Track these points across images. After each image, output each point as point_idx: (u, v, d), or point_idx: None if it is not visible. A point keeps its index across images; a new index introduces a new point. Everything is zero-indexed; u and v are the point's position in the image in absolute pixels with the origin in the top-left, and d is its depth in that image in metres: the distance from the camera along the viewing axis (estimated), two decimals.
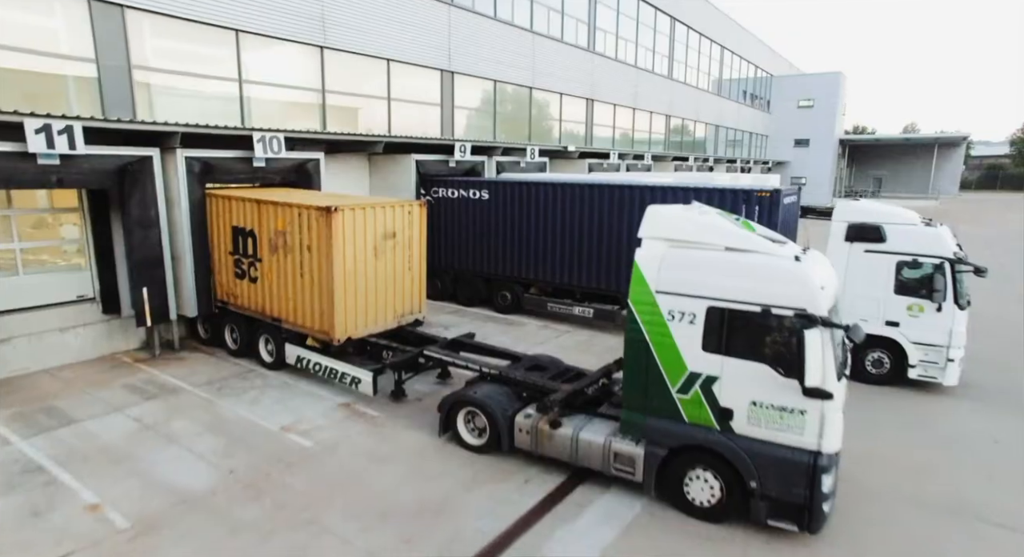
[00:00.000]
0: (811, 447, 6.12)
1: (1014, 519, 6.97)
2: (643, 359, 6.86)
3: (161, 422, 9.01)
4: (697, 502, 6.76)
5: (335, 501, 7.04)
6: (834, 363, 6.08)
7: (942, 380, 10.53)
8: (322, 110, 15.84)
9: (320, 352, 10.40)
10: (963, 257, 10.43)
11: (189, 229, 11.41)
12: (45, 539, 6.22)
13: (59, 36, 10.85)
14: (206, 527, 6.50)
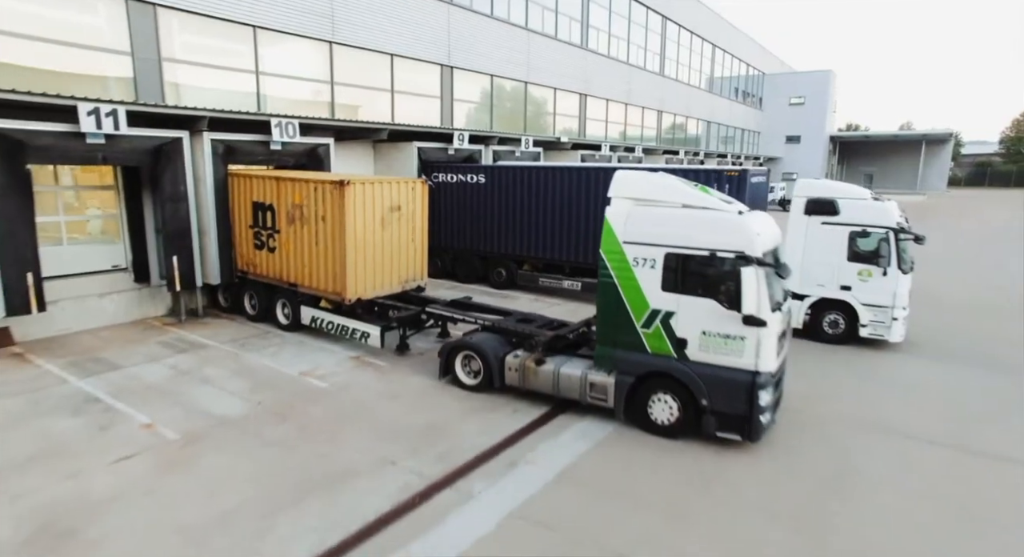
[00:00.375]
0: (750, 367, 7.36)
1: (931, 435, 8.21)
2: (613, 300, 8.11)
3: (194, 369, 10.24)
4: (659, 421, 8.00)
5: (351, 425, 8.27)
6: (768, 297, 7.31)
7: (888, 337, 11.78)
8: (331, 100, 17.08)
9: (333, 312, 11.64)
10: (906, 227, 11.69)
11: (213, 205, 12.64)
12: (114, 445, 7.46)
13: (101, 32, 12.08)
14: (242, 440, 7.73)
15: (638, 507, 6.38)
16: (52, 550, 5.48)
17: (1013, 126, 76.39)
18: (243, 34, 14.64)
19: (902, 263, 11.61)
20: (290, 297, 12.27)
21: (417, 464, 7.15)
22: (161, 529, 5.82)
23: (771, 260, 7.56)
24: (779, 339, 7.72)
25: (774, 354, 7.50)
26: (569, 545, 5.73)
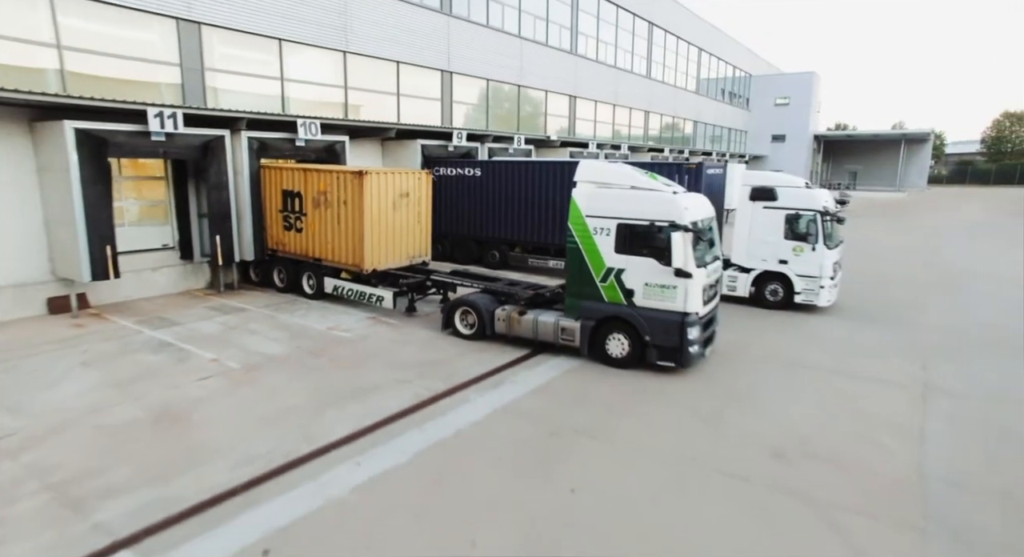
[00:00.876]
0: (681, 309, 9.63)
1: (823, 366, 10.47)
2: (578, 262, 10.37)
3: (240, 325, 12.50)
4: (614, 355, 10.26)
5: (372, 360, 10.53)
6: (693, 256, 9.57)
7: (817, 302, 14.06)
8: (344, 102, 19.33)
9: (352, 281, 13.90)
10: (831, 210, 13.98)
11: (249, 193, 14.89)
12: (193, 370, 9.72)
13: (155, 47, 14.32)
14: (289, 368, 9.99)
15: (590, 406, 8.65)
16: (174, 423, 7.75)
17: (993, 126, 78.82)
18: (271, 46, 16.88)
19: (828, 240, 13.89)
20: (315, 270, 14.54)
21: (425, 383, 9.41)
22: (243, 416, 8.08)
23: (700, 229, 9.82)
24: (706, 290, 9.99)
25: (700, 300, 9.77)
26: (534, 426, 8.00)
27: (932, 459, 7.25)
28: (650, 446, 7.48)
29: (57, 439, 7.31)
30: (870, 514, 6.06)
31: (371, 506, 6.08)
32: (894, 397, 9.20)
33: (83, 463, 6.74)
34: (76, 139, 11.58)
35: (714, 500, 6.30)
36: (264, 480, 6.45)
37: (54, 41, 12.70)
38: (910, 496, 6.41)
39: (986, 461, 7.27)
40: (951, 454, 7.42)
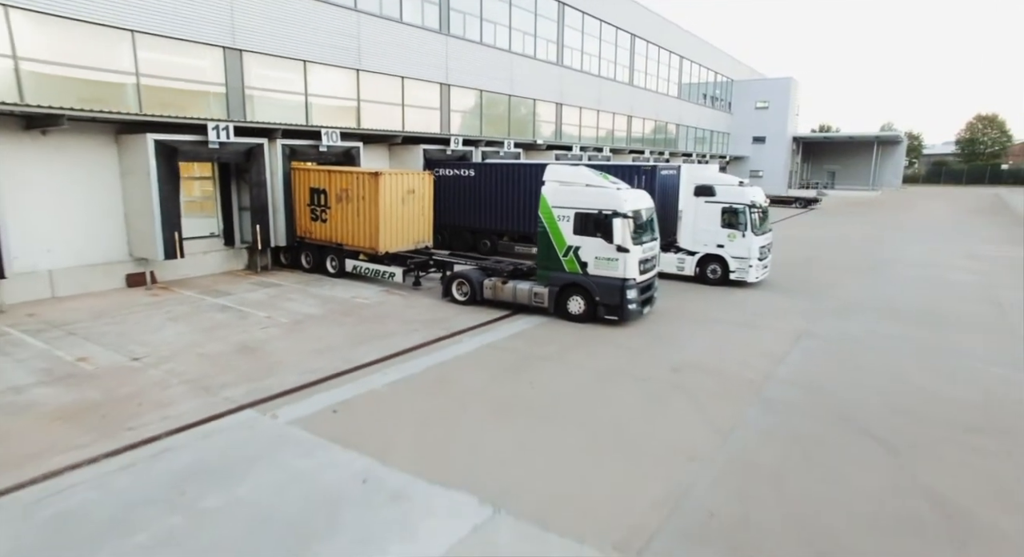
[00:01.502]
0: (621, 276, 12.84)
1: (732, 321, 13.69)
2: (546, 242, 13.57)
3: (280, 295, 15.68)
4: (573, 312, 13.46)
5: (388, 318, 13.71)
6: (630, 236, 12.76)
7: (747, 278, 17.28)
8: (357, 113, 22.50)
9: (368, 262, 17.09)
10: (757, 204, 17.20)
11: (282, 190, 18.05)
12: (253, 324, 12.90)
13: (206, 70, 17.50)
14: (325, 322, 13.17)
15: (551, 345, 11.86)
16: (252, 353, 10.95)
17: (967, 128, 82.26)
18: (297, 67, 20.04)
19: (755, 228, 17.11)
20: (337, 253, 17.73)
21: (430, 331, 12.61)
22: (299, 349, 11.26)
23: (637, 216, 13.01)
24: (642, 262, 13.18)
25: (636, 270, 12.98)
26: (509, 354, 11.21)
27: (780, 371, 10.48)
28: (589, 365, 10.69)
29: (175, 360, 10.50)
30: (721, 396, 9.28)
31: (396, 393, 9.29)
32: (776, 339, 12.44)
33: (200, 372, 9.93)
34: (155, 148, 14.76)
35: (623, 390, 9.52)
36: (323, 381, 9.65)
37: (133, 69, 15.86)
38: (753, 388, 9.64)
39: (815, 372, 10.49)
40: (793, 368, 10.65)
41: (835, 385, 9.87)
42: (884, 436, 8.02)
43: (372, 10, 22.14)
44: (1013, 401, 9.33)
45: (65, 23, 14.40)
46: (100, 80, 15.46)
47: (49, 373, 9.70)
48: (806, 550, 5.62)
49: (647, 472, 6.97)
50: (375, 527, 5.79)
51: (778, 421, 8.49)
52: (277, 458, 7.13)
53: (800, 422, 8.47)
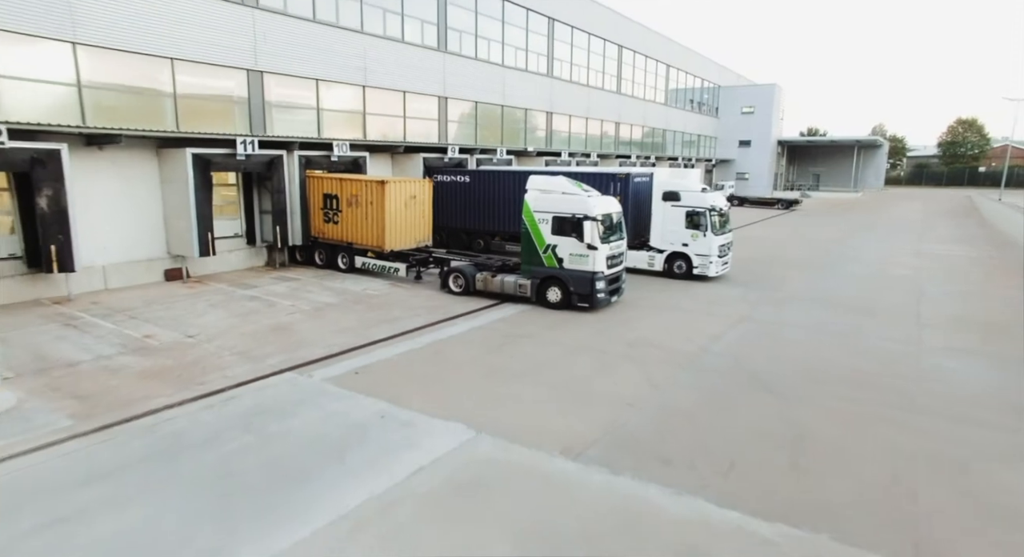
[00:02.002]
0: (592, 270, 15.25)
1: (688, 309, 16.10)
2: (529, 241, 15.99)
3: (300, 287, 18.06)
4: (551, 301, 15.86)
5: (395, 306, 16.10)
6: (599, 236, 15.17)
7: (708, 273, 19.69)
8: (363, 125, 24.88)
9: (375, 258, 19.46)
10: (717, 208, 19.61)
11: (299, 195, 20.42)
12: (281, 311, 15.29)
13: (232, 89, 19.87)
14: (341, 309, 15.55)
15: (531, 326, 14.26)
16: (284, 332, 13.33)
17: (948, 132, 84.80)
18: (310, 85, 22.42)
19: (715, 229, 19.52)
20: (347, 251, 20.10)
21: (430, 316, 14.99)
22: (322, 330, 13.63)
23: (604, 219, 15.41)
24: (609, 258, 15.58)
25: (604, 264, 15.39)
26: (495, 333, 13.61)
27: (715, 346, 12.90)
28: (560, 341, 13.09)
29: (222, 338, 12.88)
30: (662, 363, 11.69)
31: (403, 360, 11.68)
32: (719, 322, 14.85)
33: (244, 346, 12.31)
34: (192, 161, 17.14)
35: (585, 359, 11.92)
36: (344, 353, 12.03)
37: (172, 91, 18.23)
38: (689, 358, 12.05)
39: (743, 346, 12.89)
40: (727, 344, 13.06)
41: (755, 356, 12.30)
42: (779, 390, 10.44)
43: (377, 32, 24.52)
44: (894, 369, 11.75)
45: (117, 54, 16.75)
46: (145, 102, 17.82)
47: (125, 346, 12.08)
48: (697, 452, 8.03)
49: (593, 412, 9.38)
50: (391, 442, 8.18)
51: (702, 380, 10.91)
52: (316, 402, 9.53)
53: (718, 381, 10.88)
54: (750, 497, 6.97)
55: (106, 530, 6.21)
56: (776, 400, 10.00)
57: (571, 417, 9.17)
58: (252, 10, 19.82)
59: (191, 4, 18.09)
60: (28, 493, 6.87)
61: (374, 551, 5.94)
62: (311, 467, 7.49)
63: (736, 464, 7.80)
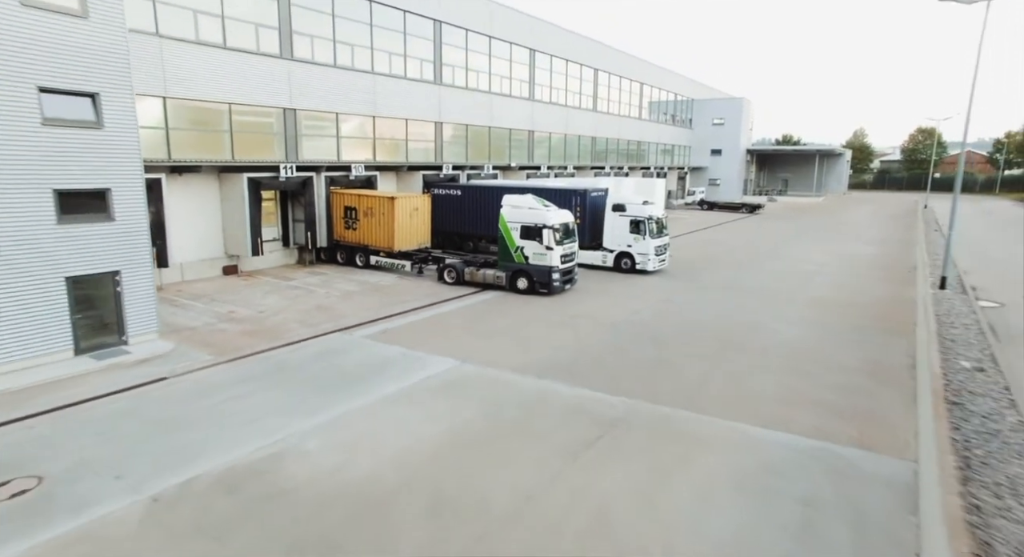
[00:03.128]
0: (549, 265, 20.66)
1: (627, 295, 21.49)
2: (504, 243, 21.40)
3: (328, 280, 23.38)
4: (520, 288, 21.26)
5: (404, 292, 21.44)
6: (555, 240, 20.56)
7: (647, 268, 25.12)
8: (373, 148, 30.19)
9: (386, 257, 24.81)
10: (654, 217, 25.04)
11: (324, 208, 25.77)
12: (319, 295, 20.63)
13: (272, 124, 25.20)
14: (364, 294, 20.90)
15: (504, 306, 19.63)
16: (326, 310, 18.68)
17: (910, 139, 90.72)
18: (331, 117, 27.73)
19: (652, 234, 24.93)
20: (364, 251, 25.44)
21: (430, 299, 20.35)
22: (353, 308, 18.96)
23: (560, 227, 20.81)
24: (563, 257, 20.96)
25: (559, 261, 20.78)
26: (477, 311, 18.99)
27: (633, 317, 18.28)
28: (522, 315, 18.44)
29: (283, 313, 18.18)
30: (590, 327, 17.06)
31: (413, 326, 17.04)
32: (643, 303, 20.24)
33: (300, 318, 17.63)
34: (247, 183, 22.46)
35: (537, 325, 17.27)
36: (372, 321, 17.35)
37: (228, 128, 23.53)
38: (609, 324, 17.42)
39: (652, 317, 18.26)
40: (641, 316, 18.43)
41: (657, 323, 17.70)
42: (664, 342, 15.83)
43: (384, 71, 29.85)
44: (742, 329, 17.14)
45: (192, 103, 22.04)
46: (210, 138, 23.11)
47: (219, 318, 17.40)
48: (591, 370, 13.37)
49: (535, 353, 14.73)
50: (408, 366, 13.53)
51: (612, 337, 16.30)
52: (359, 348, 14.88)
53: (624, 336, 16.27)
54: (612, 389, 12.35)
55: (255, 401, 11.54)
56: (656, 347, 15.40)
57: (520, 355, 14.54)
58: (288, 62, 25.15)
59: (246, 62, 23.41)
60: (208, 387, 12.22)
61: (402, 408, 11.30)
62: (362, 377, 12.85)
63: (613, 375, 13.18)
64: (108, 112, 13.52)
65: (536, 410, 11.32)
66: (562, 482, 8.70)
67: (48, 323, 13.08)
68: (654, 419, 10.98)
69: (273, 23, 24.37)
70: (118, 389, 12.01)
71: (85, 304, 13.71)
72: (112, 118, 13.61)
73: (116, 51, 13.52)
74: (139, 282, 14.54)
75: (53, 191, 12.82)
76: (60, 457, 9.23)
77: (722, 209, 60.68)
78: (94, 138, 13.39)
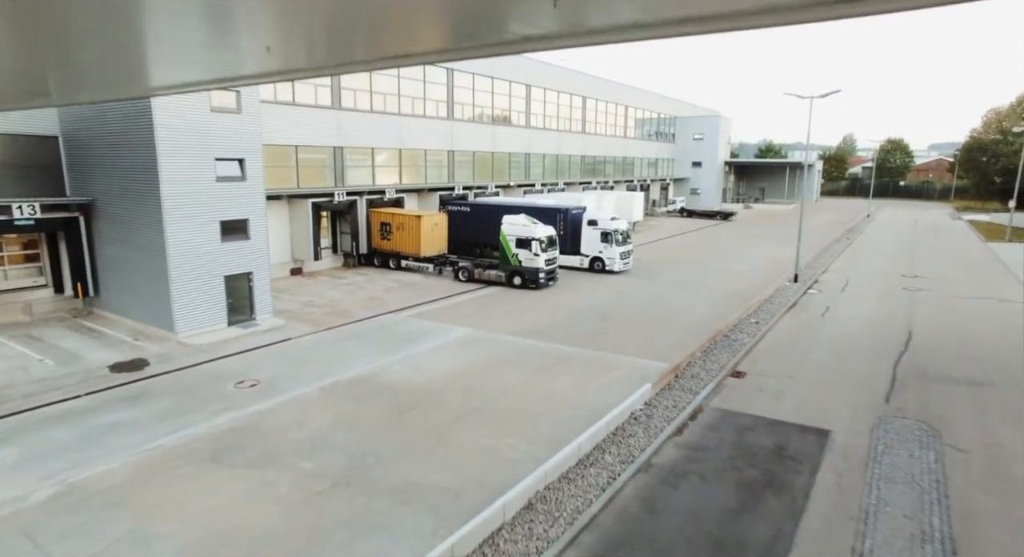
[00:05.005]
0: (536, 267, 28.26)
1: (596, 287, 29.03)
2: (503, 251, 29.02)
3: (371, 279, 30.96)
4: (515, 284, 28.84)
5: (428, 288, 29.01)
6: (540, 248, 28.15)
7: (614, 269, 32.67)
8: (400, 173, 37.79)
9: (413, 260, 32.42)
10: (619, 230, 32.60)
11: (365, 223, 33.40)
12: (367, 290, 28.25)
13: (325, 159, 32.83)
14: (400, 289, 28.48)
15: (503, 297, 27.20)
16: (376, 300, 26.29)
17: (879, 150, 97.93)
18: (368, 151, 35.36)
19: (617, 243, 32.48)
20: (396, 257, 33.05)
21: (448, 292, 27.92)
22: (395, 298, 26.51)
23: (544, 239, 28.39)
24: (547, 261, 28.52)
25: (544, 264, 28.38)
26: (484, 300, 26.59)
27: (594, 304, 25.82)
28: (517, 303, 25.99)
29: (346, 302, 25.78)
30: (564, 311, 24.61)
31: (438, 310, 24.62)
32: (604, 294, 27.75)
33: (360, 304, 25.22)
34: (312, 206, 30.12)
35: (528, 310, 24.84)
36: (410, 307, 24.92)
37: (295, 164, 31.16)
38: (577, 307, 24.96)
39: (609, 304, 25.76)
40: (601, 303, 25.95)
41: (610, 307, 25.20)
42: (610, 318, 23.34)
43: (408, 112, 37.47)
44: (665, 309, 24.62)
45: (274, 147, 29.65)
46: (282, 172, 30.75)
47: (303, 305, 25.01)
48: (558, 334, 20.87)
49: (523, 324, 22.26)
50: (440, 333, 21.09)
51: (576, 315, 23.82)
52: (406, 323, 22.46)
53: (584, 315, 23.79)
54: (569, 343, 19.84)
55: (351, 350, 19.11)
56: (603, 321, 22.92)
57: (513, 326, 22.07)
58: (337, 111, 32.79)
59: (310, 114, 31.05)
60: (319, 343, 19.83)
61: (440, 353, 18.87)
62: (412, 338, 20.42)
63: (570, 336, 20.69)
64: (248, 170, 21.16)
65: (520, 354, 18.87)
66: (530, 383, 16.24)
67: (214, 305, 20.72)
68: (590, 357, 18.50)
69: (327, 82, 32.05)
70: (266, 344, 19.62)
71: (232, 293, 21.33)
72: (249, 173, 21.25)
73: (254, 131, 21.16)
74: (262, 279, 22.17)
75: (219, 222, 20.46)
76: (261, 372, 16.82)
77: (699, 216, 68.00)
78: (240, 187, 21.02)
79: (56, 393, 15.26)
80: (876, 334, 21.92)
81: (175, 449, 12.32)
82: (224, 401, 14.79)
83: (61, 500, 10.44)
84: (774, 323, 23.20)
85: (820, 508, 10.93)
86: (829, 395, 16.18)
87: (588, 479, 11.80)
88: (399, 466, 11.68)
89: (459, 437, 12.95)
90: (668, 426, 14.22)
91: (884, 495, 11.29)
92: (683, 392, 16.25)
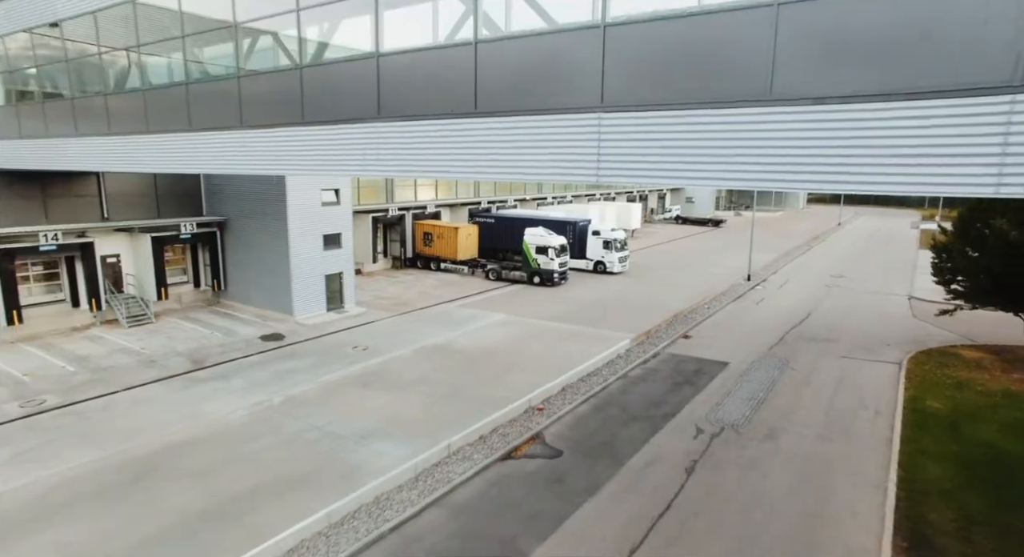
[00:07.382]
0: (550, 269, 35.84)
1: (599, 286, 36.54)
2: (525, 256, 36.63)
3: (418, 279, 38.53)
4: (535, 283, 36.41)
5: (464, 285, 36.54)
6: (555, 254, 35.72)
7: (614, 270, 40.16)
8: (436, 193, 45.36)
9: (451, 263, 40.00)
10: (618, 239, 40.11)
11: (411, 233, 41.01)
12: (419, 286, 35.84)
13: (380, 184, 40.44)
14: (443, 286, 36.02)
15: (526, 292, 34.75)
16: (427, 294, 33.87)
17: None
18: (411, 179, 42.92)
19: (615, 249, 39.98)
20: (436, 261, 40.64)
21: (481, 288, 35.49)
22: (441, 294, 34.05)
23: (556, 246, 35.94)
24: (560, 264, 36.07)
25: (557, 266, 35.97)
26: (510, 295, 34.15)
27: (598, 298, 33.32)
28: (537, 297, 33.50)
29: (404, 295, 33.34)
30: (574, 303, 32.12)
31: (477, 302, 32.18)
32: (606, 290, 35.22)
33: (416, 297, 32.77)
34: (372, 219, 37.75)
35: (546, 302, 32.34)
36: (454, 300, 32.48)
37: (357, 186, 38.79)
38: (586, 301, 32.46)
39: (607, 297, 33.24)
40: (603, 297, 33.42)
41: (609, 300, 32.69)
42: (608, 308, 30.83)
43: None
44: (647, 299, 32.06)
45: None
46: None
47: (374, 297, 32.58)
48: (571, 317, 28.36)
49: (544, 312, 29.77)
50: (482, 318, 28.62)
51: (582, 306, 31.31)
52: (455, 311, 30.02)
53: (589, 305, 31.27)
54: (578, 324, 27.34)
55: (422, 328, 26.66)
56: (603, 310, 30.41)
57: (536, 312, 29.57)
58: None
59: None
60: (397, 324, 27.43)
61: (486, 330, 26.41)
62: (463, 321, 27.96)
63: (578, 320, 28.18)
64: (341, 196, 28.80)
65: (543, 331, 26.36)
66: (552, 348, 23.73)
67: (318, 295, 28.34)
68: (593, 333, 25.97)
69: None
70: (358, 324, 27.19)
71: (329, 288, 28.92)
72: (343, 199, 28.89)
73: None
74: (348, 277, 29.78)
75: (322, 235, 28.11)
76: (367, 341, 24.36)
77: (693, 223, 75.41)
78: (335, 209, 28.66)
79: (236, 352, 22.87)
80: (787, 315, 29.52)
81: (337, 382, 19.89)
82: (350, 358, 22.36)
83: (289, 402, 18.03)
84: (720, 308, 30.83)
85: (709, 391, 19.52)
86: (737, 347, 24.30)
87: (591, 381, 19.88)
88: (478, 390, 19.22)
89: (509, 378, 20.47)
90: (637, 360, 22.22)
91: (742, 387, 19.91)
92: (649, 345, 24.07)
